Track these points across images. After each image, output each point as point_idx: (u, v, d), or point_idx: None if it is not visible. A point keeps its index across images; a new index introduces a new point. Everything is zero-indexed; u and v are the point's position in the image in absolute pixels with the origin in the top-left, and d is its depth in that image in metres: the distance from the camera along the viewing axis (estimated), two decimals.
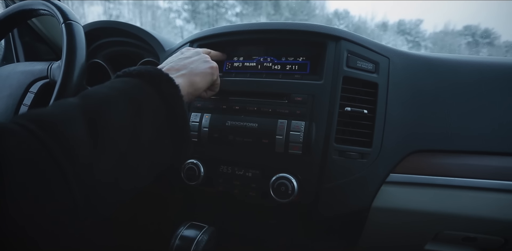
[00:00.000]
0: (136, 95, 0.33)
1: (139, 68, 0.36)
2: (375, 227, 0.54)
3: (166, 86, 0.36)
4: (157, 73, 0.36)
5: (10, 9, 0.61)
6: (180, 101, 0.36)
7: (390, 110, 0.52)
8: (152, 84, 0.35)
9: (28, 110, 0.28)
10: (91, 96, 0.31)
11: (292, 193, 0.49)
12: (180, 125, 0.36)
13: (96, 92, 0.32)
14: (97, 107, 0.30)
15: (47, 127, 0.25)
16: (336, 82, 0.51)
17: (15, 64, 0.77)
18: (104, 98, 0.31)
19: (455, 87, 0.53)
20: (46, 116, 0.26)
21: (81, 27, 0.55)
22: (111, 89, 0.33)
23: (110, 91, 0.32)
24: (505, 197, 0.47)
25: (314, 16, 3.53)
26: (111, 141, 0.28)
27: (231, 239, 0.63)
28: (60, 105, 0.29)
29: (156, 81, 0.35)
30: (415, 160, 0.51)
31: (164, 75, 0.36)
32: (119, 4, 3.45)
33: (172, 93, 0.36)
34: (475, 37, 1.99)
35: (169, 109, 0.35)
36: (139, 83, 0.34)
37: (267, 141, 0.51)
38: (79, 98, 0.30)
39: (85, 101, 0.30)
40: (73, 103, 0.29)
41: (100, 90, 0.32)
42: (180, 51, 0.50)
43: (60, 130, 0.26)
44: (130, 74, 0.36)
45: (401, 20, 2.86)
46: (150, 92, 0.34)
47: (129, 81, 0.35)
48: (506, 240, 0.49)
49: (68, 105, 0.29)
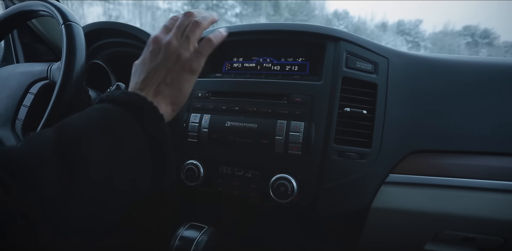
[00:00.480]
0: (115, 127, 0.31)
1: (122, 95, 0.34)
2: (374, 227, 0.54)
3: (149, 116, 0.33)
4: (139, 101, 0.34)
5: (9, 10, 0.61)
6: (163, 132, 0.34)
7: (390, 111, 0.52)
8: (134, 114, 0.33)
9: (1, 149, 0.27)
10: (69, 130, 0.29)
11: (291, 194, 0.50)
12: (163, 158, 0.34)
13: (74, 125, 0.30)
14: (72, 144, 0.28)
15: (18, 173, 0.24)
16: (336, 83, 0.51)
17: (14, 65, 0.77)
18: (79, 131, 0.29)
19: (454, 88, 0.54)
20: (18, 160, 0.25)
21: (81, 28, 0.55)
22: (88, 119, 0.31)
23: (87, 123, 0.30)
24: (504, 197, 0.47)
25: (313, 17, 3.53)
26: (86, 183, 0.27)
27: (230, 240, 0.63)
28: (34, 143, 0.27)
29: (138, 110, 0.33)
30: (414, 161, 0.51)
31: (147, 104, 0.34)
32: (119, 5, 3.45)
33: (155, 124, 0.34)
34: (475, 37, 2.00)
35: (151, 142, 0.33)
36: (119, 112, 0.32)
37: (266, 141, 0.51)
38: (55, 131, 0.29)
39: (61, 136, 0.28)
40: (48, 140, 0.27)
41: (79, 121, 0.31)
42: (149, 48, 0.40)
43: (30, 176, 0.24)
44: (112, 101, 0.34)
45: (401, 20, 2.87)
46: (131, 123, 0.32)
47: (109, 109, 0.33)
48: (505, 240, 0.50)
49: (42, 142, 0.27)
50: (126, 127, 0.32)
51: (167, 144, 0.35)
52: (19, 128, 0.64)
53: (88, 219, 0.28)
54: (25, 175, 0.24)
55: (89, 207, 0.27)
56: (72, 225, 0.26)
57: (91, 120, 0.31)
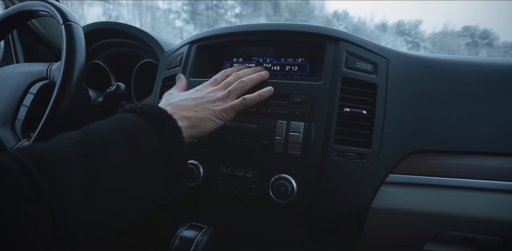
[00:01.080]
0: (137, 136, 0.33)
1: (144, 107, 0.37)
2: (374, 227, 0.54)
3: (168, 128, 0.36)
4: (161, 114, 0.36)
5: (9, 10, 0.61)
6: (181, 145, 0.36)
7: (389, 111, 0.52)
8: (154, 125, 0.35)
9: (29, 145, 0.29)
10: (93, 133, 0.31)
11: (291, 194, 0.50)
12: (178, 168, 0.36)
13: (98, 129, 0.32)
14: (97, 146, 0.30)
15: (44, 167, 0.25)
16: (335, 83, 0.51)
17: (14, 65, 0.77)
18: (105, 136, 0.31)
19: (454, 88, 0.54)
20: (45, 154, 0.27)
21: (80, 28, 0.55)
22: (113, 127, 0.33)
23: (112, 130, 0.32)
24: (504, 197, 0.47)
25: (313, 17, 3.53)
26: (105, 186, 0.29)
27: (230, 239, 0.63)
28: (61, 141, 0.29)
29: (159, 122, 0.35)
30: (414, 161, 0.51)
31: (168, 116, 0.36)
32: (119, 5, 3.45)
33: (173, 136, 0.36)
34: (474, 38, 2.00)
35: (168, 152, 0.35)
36: (142, 122, 0.35)
37: (266, 141, 0.51)
38: (81, 133, 0.31)
39: (86, 138, 0.30)
40: (74, 140, 0.30)
41: (102, 127, 0.33)
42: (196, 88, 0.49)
43: (56, 172, 0.26)
44: (135, 111, 0.36)
45: (400, 21, 2.87)
46: (152, 133, 0.34)
47: (132, 119, 0.35)
48: (505, 240, 0.50)
49: (69, 141, 0.29)
50: (146, 136, 0.34)
51: (183, 156, 0.36)
52: (19, 128, 0.64)
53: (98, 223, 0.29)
54: (52, 171, 0.26)
55: (101, 209, 0.29)
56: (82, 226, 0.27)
57: (115, 127, 0.33)
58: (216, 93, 0.46)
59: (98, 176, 0.28)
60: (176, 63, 0.64)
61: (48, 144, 0.29)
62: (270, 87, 0.51)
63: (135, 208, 0.33)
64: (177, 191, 0.37)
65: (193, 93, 0.46)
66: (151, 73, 0.74)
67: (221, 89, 0.48)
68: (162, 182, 0.35)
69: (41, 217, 0.24)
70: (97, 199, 0.28)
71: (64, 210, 0.25)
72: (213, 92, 0.46)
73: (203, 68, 0.62)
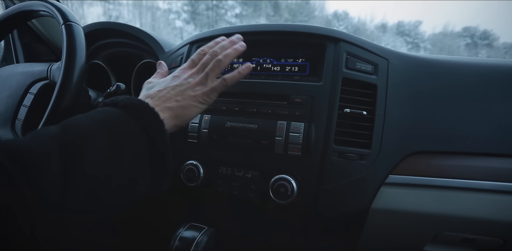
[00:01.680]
0: (117, 129, 0.33)
1: (125, 100, 0.36)
2: (374, 228, 0.54)
3: (150, 121, 0.35)
4: (142, 107, 0.36)
5: (10, 10, 0.61)
6: (163, 137, 0.35)
7: (389, 112, 0.52)
8: (135, 118, 0.34)
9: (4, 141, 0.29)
10: (72, 128, 0.31)
11: (291, 195, 0.50)
12: (162, 161, 0.36)
13: (77, 124, 0.32)
14: (75, 141, 0.29)
15: (21, 163, 0.25)
16: (336, 84, 0.51)
17: (15, 65, 0.77)
18: (83, 131, 0.31)
19: (454, 89, 0.54)
20: (23, 150, 0.26)
21: (81, 29, 0.55)
22: (93, 121, 0.32)
23: (92, 124, 0.32)
24: (504, 198, 0.47)
25: (313, 17, 3.53)
26: (85, 180, 0.28)
27: (230, 240, 0.62)
28: (39, 136, 0.29)
29: (140, 115, 0.35)
30: (414, 162, 0.51)
31: (149, 109, 0.36)
32: (119, 5, 3.45)
33: (156, 128, 0.35)
34: (474, 38, 2.00)
35: (151, 145, 0.34)
36: (122, 115, 0.34)
37: (266, 142, 0.51)
38: (59, 128, 0.30)
39: (64, 133, 0.30)
40: (52, 135, 0.29)
41: (82, 121, 0.32)
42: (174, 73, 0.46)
43: (33, 168, 0.25)
44: (116, 105, 0.35)
45: (400, 21, 2.87)
46: (133, 127, 0.34)
47: (113, 112, 0.34)
48: (505, 241, 0.50)
49: (46, 137, 0.29)
50: (127, 129, 0.33)
51: (165, 148, 0.36)
52: (19, 128, 0.64)
53: (85, 214, 0.29)
54: (29, 165, 0.25)
55: (86, 202, 0.28)
56: (68, 218, 0.27)
57: (93, 121, 0.32)
58: (194, 78, 0.44)
59: (77, 171, 0.28)
60: (176, 63, 0.64)
61: (25, 140, 0.28)
62: (248, 64, 0.49)
63: (119, 201, 0.32)
64: (163, 184, 0.37)
65: (172, 80, 0.44)
66: (151, 73, 0.73)
67: (199, 71, 0.45)
68: (146, 175, 0.35)
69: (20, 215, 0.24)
70: (77, 193, 0.27)
71: (43, 207, 0.25)
72: (191, 76, 0.45)
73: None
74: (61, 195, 0.26)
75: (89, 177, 0.28)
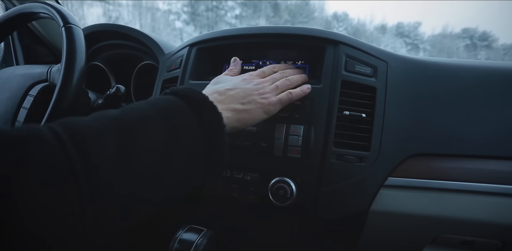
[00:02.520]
0: (175, 118, 0.32)
1: (186, 90, 0.36)
2: (373, 230, 0.54)
3: (208, 115, 0.34)
4: (201, 99, 0.35)
5: (10, 12, 0.61)
6: (221, 132, 0.35)
7: (388, 114, 0.52)
8: (194, 110, 0.34)
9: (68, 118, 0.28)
10: (131, 112, 0.31)
11: (290, 197, 0.50)
12: (217, 158, 0.35)
13: (137, 108, 0.32)
14: (134, 124, 0.29)
15: (79, 140, 0.25)
16: (335, 86, 0.51)
17: (14, 67, 0.77)
18: (143, 115, 0.31)
19: (453, 92, 0.54)
20: (81, 129, 0.26)
21: (81, 31, 0.55)
22: (153, 107, 0.32)
23: (151, 110, 0.32)
24: (503, 201, 0.47)
25: (313, 19, 3.54)
26: (138, 164, 0.28)
27: (230, 242, 0.62)
28: (99, 117, 0.29)
29: (199, 107, 0.34)
30: (413, 164, 0.51)
31: (208, 103, 0.35)
32: (119, 6, 3.46)
33: (213, 124, 0.35)
34: (473, 39, 2.01)
35: (207, 139, 0.34)
36: (183, 106, 0.34)
37: (265, 144, 0.51)
38: (119, 111, 0.31)
39: (123, 116, 0.30)
40: (112, 117, 0.29)
41: (142, 106, 0.32)
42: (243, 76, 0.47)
43: (91, 147, 0.25)
44: (176, 94, 0.35)
45: (400, 22, 2.88)
46: (191, 119, 0.33)
47: (173, 101, 0.34)
48: (504, 244, 0.50)
49: (106, 118, 0.29)
50: (185, 121, 0.33)
51: (222, 145, 0.35)
52: None
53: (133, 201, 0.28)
54: (86, 143, 0.25)
55: (134, 188, 0.28)
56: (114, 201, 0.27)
57: (154, 107, 0.32)
58: (264, 86, 0.45)
59: (132, 155, 0.28)
60: (176, 65, 0.64)
61: (86, 119, 0.28)
62: (309, 85, 0.51)
63: (169, 189, 0.32)
64: (214, 181, 0.37)
65: (242, 81, 0.45)
66: (151, 75, 0.74)
67: (269, 82, 0.47)
68: (198, 170, 0.34)
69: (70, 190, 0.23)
70: (129, 178, 0.27)
71: (94, 185, 0.25)
72: (261, 84, 0.45)
73: (203, 71, 0.62)
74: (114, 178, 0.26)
75: (140, 162, 0.28)
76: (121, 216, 0.28)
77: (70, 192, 0.24)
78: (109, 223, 0.27)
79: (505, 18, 1.59)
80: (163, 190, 0.31)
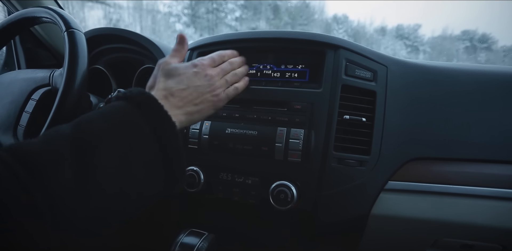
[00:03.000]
0: (130, 132, 0.32)
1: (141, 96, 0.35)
2: (374, 233, 0.54)
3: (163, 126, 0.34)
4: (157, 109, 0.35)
5: (13, 17, 0.61)
6: (176, 142, 0.35)
7: (388, 118, 0.52)
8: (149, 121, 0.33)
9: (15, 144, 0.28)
10: (85, 128, 0.30)
11: (291, 201, 0.50)
12: (174, 167, 0.35)
13: (90, 122, 0.31)
14: (89, 142, 0.29)
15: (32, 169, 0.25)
16: (335, 90, 0.52)
17: (17, 71, 0.78)
18: (97, 132, 0.30)
19: (452, 96, 0.54)
20: (34, 156, 0.26)
21: (83, 36, 0.56)
22: (106, 120, 0.32)
23: (105, 123, 0.31)
24: (503, 204, 0.48)
25: (313, 21, 3.55)
26: (99, 185, 0.28)
27: (231, 245, 0.63)
28: (51, 138, 0.28)
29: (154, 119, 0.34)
30: (413, 168, 0.51)
31: (163, 113, 0.35)
32: (119, 8, 3.47)
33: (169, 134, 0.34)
34: (473, 41, 2.01)
35: (164, 150, 0.34)
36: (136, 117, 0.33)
37: (266, 148, 0.52)
38: (72, 127, 0.30)
39: (77, 133, 0.29)
40: (64, 136, 0.28)
41: (95, 120, 0.31)
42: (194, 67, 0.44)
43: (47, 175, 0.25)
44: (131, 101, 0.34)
45: (400, 24, 2.89)
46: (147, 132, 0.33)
47: (127, 112, 0.33)
48: (504, 247, 0.50)
49: (59, 138, 0.28)
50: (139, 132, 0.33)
51: (176, 149, 0.35)
52: (21, 134, 0.64)
53: (96, 220, 0.28)
54: (41, 172, 0.25)
55: (98, 208, 0.28)
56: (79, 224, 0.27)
57: (107, 120, 0.32)
58: (215, 81, 0.45)
59: (90, 176, 0.27)
60: None
61: (36, 142, 0.27)
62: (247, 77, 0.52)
63: (131, 206, 0.32)
64: (174, 188, 0.37)
65: (193, 76, 0.43)
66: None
67: (219, 75, 0.46)
68: (158, 176, 0.34)
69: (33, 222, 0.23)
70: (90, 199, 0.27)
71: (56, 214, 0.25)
72: (212, 79, 0.45)
73: None
74: (76, 201, 0.26)
75: (101, 181, 0.28)
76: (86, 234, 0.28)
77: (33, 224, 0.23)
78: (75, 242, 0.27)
79: (505, 20, 1.59)
80: (126, 203, 0.31)
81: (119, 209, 0.30)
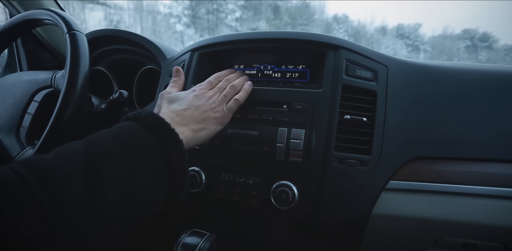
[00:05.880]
0: (140, 150, 0.34)
1: (149, 117, 0.37)
2: (375, 233, 0.54)
3: (170, 142, 0.37)
4: (164, 127, 0.37)
5: (15, 19, 0.62)
6: (183, 160, 0.37)
7: (389, 118, 0.52)
8: (157, 139, 0.36)
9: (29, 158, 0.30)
10: (96, 146, 0.32)
11: (292, 201, 0.50)
12: (178, 182, 0.37)
13: (101, 141, 0.33)
14: (100, 159, 0.30)
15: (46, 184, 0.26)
16: (336, 91, 0.52)
17: (19, 73, 0.78)
18: (107, 150, 0.32)
19: (453, 95, 0.54)
20: (48, 170, 0.27)
21: (84, 37, 0.56)
22: (117, 139, 0.34)
23: (115, 142, 0.33)
24: (504, 203, 0.48)
25: (313, 21, 3.55)
26: (108, 200, 0.29)
27: (232, 245, 0.63)
28: (64, 154, 0.30)
29: (162, 136, 0.36)
30: (414, 167, 0.52)
31: (170, 130, 0.37)
32: (120, 10, 3.48)
33: (176, 150, 0.37)
34: (474, 40, 2.00)
35: (169, 166, 0.36)
36: (145, 135, 0.35)
37: (267, 149, 0.52)
38: (84, 145, 0.32)
39: (89, 150, 0.31)
40: (77, 153, 0.30)
41: (105, 138, 0.34)
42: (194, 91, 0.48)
43: (59, 189, 0.26)
44: (140, 121, 0.37)
45: (400, 24, 2.88)
46: (154, 147, 0.35)
47: (136, 131, 0.36)
48: (506, 246, 0.50)
49: (72, 155, 0.30)
50: (147, 148, 0.35)
51: (183, 168, 0.37)
52: (24, 136, 0.64)
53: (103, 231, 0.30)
54: (55, 185, 0.26)
55: (105, 220, 0.29)
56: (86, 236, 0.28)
57: (117, 139, 0.34)
58: (214, 100, 0.48)
59: (98, 190, 0.29)
60: None
61: (50, 157, 0.29)
62: (250, 82, 0.55)
63: (135, 217, 0.33)
64: (179, 201, 0.39)
65: (194, 99, 0.47)
66: (153, 79, 0.74)
67: (217, 93, 0.49)
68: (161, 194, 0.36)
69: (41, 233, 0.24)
70: (98, 212, 0.28)
71: (65, 224, 0.26)
72: (211, 98, 0.48)
73: (204, 76, 0.63)
74: (84, 216, 0.27)
75: (109, 196, 0.29)
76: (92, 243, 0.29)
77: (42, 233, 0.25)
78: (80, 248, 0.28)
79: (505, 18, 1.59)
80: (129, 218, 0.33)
81: (123, 221, 0.32)
